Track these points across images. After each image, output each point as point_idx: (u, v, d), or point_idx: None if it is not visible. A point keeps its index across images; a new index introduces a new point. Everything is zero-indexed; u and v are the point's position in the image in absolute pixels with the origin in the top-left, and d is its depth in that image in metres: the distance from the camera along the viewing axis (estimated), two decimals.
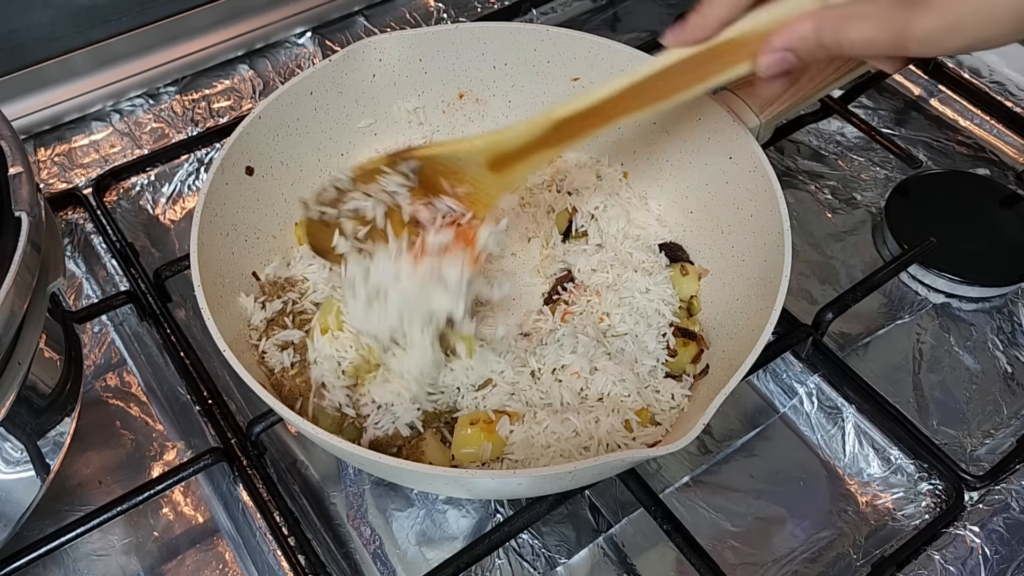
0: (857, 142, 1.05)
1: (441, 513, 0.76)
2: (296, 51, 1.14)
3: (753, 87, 0.83)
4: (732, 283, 0.79)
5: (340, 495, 0.77)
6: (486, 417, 0.70)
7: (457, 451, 0.70)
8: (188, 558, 0.75)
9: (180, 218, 0.99)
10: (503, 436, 0.70)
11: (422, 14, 1.19)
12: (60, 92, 1.03)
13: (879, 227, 0.96)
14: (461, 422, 0.71)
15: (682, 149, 0.85)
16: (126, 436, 0.81)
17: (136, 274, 0.87)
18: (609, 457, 0.58)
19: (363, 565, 0.74)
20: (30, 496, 0.67)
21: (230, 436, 0.76)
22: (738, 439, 0.81)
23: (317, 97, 0.84)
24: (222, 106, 1.07)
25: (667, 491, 0.77)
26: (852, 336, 0.88)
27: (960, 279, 0.89)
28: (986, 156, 1.04)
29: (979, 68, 1.10)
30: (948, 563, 0.71)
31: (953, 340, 0.88)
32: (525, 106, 0.91)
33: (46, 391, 0.67)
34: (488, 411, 0.71)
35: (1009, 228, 0.93)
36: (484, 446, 0.69)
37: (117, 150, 1.03)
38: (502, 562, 0.73)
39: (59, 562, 0.73)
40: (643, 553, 0.74)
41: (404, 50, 0.86)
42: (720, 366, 0.75)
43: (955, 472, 0.76)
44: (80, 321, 0.83)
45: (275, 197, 0.82)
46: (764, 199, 0.75)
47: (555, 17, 1.21)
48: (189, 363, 0.81)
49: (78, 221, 0.96)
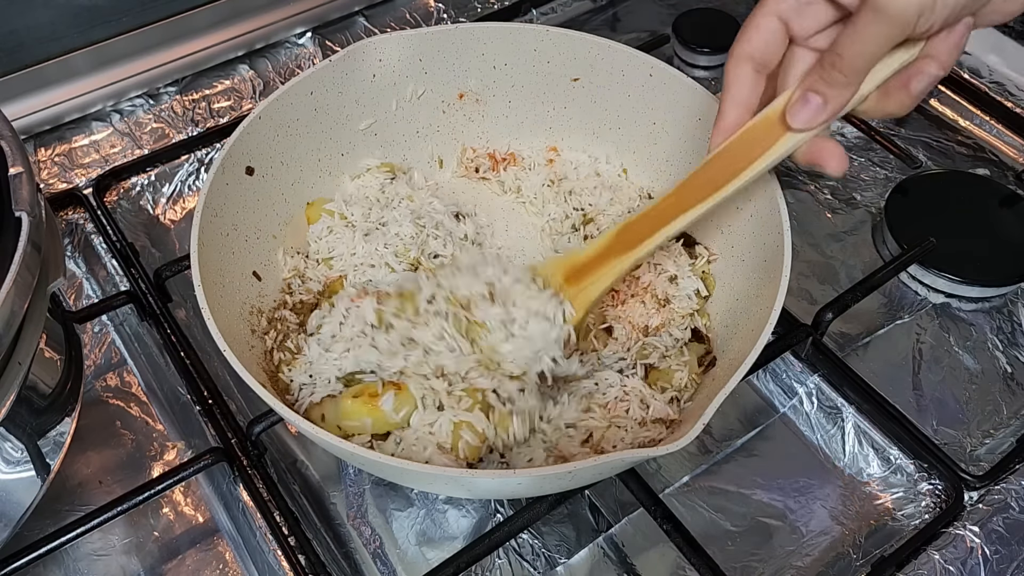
0: (857, 142, 1.05)
1: (441, 513, 0.76)
2: (296, 51, 1.14)
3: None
4: (732, 283, 0.79)
5: (340, 495, 0.77)
6: (372, 390, 0.68)
7: (342, 421, 0.68)
8: (188, 558, 0.75)
9: (180, 218, 0.99)
10: (386, 411, 0.67)
11: (422, 14, 1.19)
12: (60, 92, 1.03)
13: (879, 227, 0.96)
14: (345, 393, 0.69)
15: (682, 149, 0.85)
16: (126, 436, 0.81)
17: (136, 274, 0.87)
18: (609, 457, 0.58)
19: (363, 565, 0.74)
20: (30, 496, 0.67)
21: (230, 436, 0.76)
22: (738, 439, 0.81)
23: (317, 97, 0.84)
24: (222, 106, 1.08)
25: (667, 491, 0.77)
26: (852, 336, 0.88)
27: (960, 279, 0.89)
28: (986, 156, 1.04)
29: (979, 68, 1.10)
30: (948, 563, 0.72)
31: (953, 340, 0.88)
32: (525, 106, 0.91)
33: (46, 391, 0.67)
34: (377, 383, 0.69)
35: (1009, 228, 0.93)
36: (365, 421, 0.68)
37: (117, 150, 1.03)
38: (502, 562, 0.73)
39: (59, 562, 0.74)
40: (643, 553, 0.74)
41: (404, 50, 0.86)
42: (720, 366, 0.75)
43: (955, 472, 0.76)
44: (80, 321, 0.83)
45: (275, 197, 0.82)
46: (764, 199, 0.75)
47: (555, 17, 1.21)
48: (189, 363, 0.81)
49: (78, 221, 0.96)
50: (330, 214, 0.84)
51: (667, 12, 1.20)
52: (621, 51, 0.85)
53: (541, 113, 0.91)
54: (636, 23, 1.20)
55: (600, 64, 0.86)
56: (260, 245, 0.81)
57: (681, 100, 0.83)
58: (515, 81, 0.90)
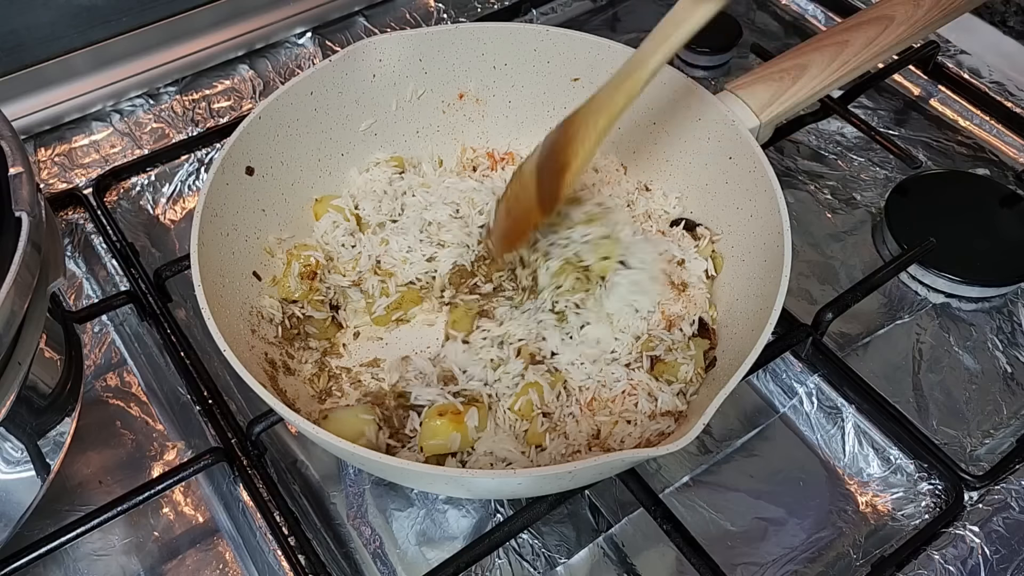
0: (857, 142, 1.05)
1: (441, 513, 0.76)
2: (296, 51, 1.14)
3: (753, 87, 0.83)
4: (732, 283, 0.80)
5: (340, 495, 0.77)
6: (454, 408, 0.71)
7: (424, 442, 0.70)
8: (188, 558, 0.75)
9: (180, 218, 0.99)
10: (471, 427, 0.70)
11: (422, 14, 1.19)
12: (60, 92, 1.03)
13: (879, 227, 0.96)
14: (429, 413, 0.71)
15: (682, 149, 0.85)
16: (126, 436, 0.81)
17: (136, 274, 0.87)
18: (609, 457, 0.58)
19: (363, 565, 0.74)
20: (30, 496, 0.67)
21: (230, 436, 0.76)
22: (738, 439, 0.81)
23: (317, 97, 0.84)
24: (222, 106, 1.08)
25: (667, 491, 0.77)
26: (852, 336, 0.88)
27: (960, 279, 0.89)
28: (986, 156, 1.04)
29: (979, 68, 1.10)
30: (948, 563, 0.72)
31: (953, 340, 0.88)
32: (525, 106, 0.91)
33: (46, 391, 0.67)
34: (456, 403, 0.71)
35: (1009, 228, 0.93)
36: (452, 436, 0.70)
37: (117, 150, 1.03)
38: (502, 562, 0.73)
39: (59, 562, 0.73)
40: (643, 553, 0.74)
41: (404, 50, 0.86)
42: (720, 366, 0.75)
43: (955, 472, 0.76)
44: (80, 321, 0.83)
45: (275, 197, 0.82)
46: (764, 199, 0.75)
47: (555, 17, 1.21)
48: (189, 363, 0.81)
49: (78, 221, 0.96)
50: (339, 210, 0.85)
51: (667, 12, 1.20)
52: (621, 51, 0.85)
53: (541, 113, 0.91)
54: (636, 23, 1.20)
55: (600, 64, 0.86)
56: (260, 245, 0.81)
57: (681, 100, 0.83)
58: (515, 81, 0.90)
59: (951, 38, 1.12)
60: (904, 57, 1.07)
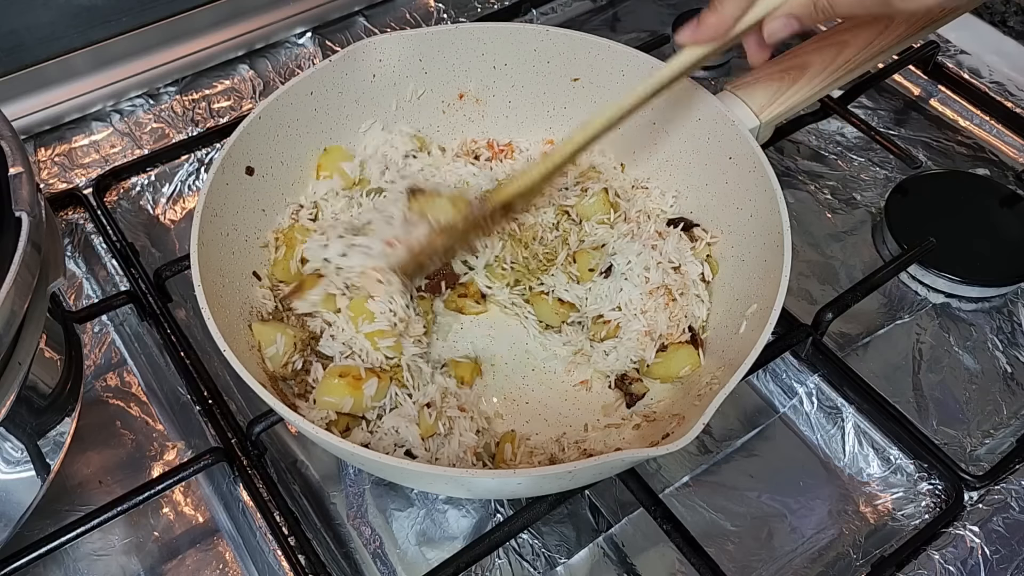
0: (857, 142, 1.05)
1: (441, 513, 0.76)
2: (296, 51, 1.14)
3: (753, 87, 0.83)
4: (732, 283, 0.79)
5: (340, 495, 0.77)
6: (356, 373, 0.71)
7: (319, 396, 0.71)
8: (188, 558, 0.75)
9: (180, 218, 0.99)
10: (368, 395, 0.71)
11: (422, 14, 1.19)
12: (60, 92, 1.03)
13: (879, 227, 0.96)
14: (331, 371, 0.72)
15: (682, 149, 0.85)
16: (126, 436, 0.81)
17: (136, 274, 0.87)
18: (609, 457, 0.58)
19: (363, 565, 0.74)
20: (30, 496, 0.67)
21: (230, 436, 0.76)
22: (738, 439, 0.81)
23: (317, 97, 0.84)
24: (222, 106, 1.07)
25: (667, 491, 0.77)
26: (852, 336, 0.88)
27: (960, 279, 0.89)
28: (986, 156, 1.04)
29: (979, 68, 1.10)
30: (948, 563, 0.72)
31: (953, 340, 0.88)
32: (525, 106, 0.91)
33: (46, 391, 0.67)
34: (360, 367, 0.72)
35: (1009, 228, 0.93)
36: (346, 399, 0.70)
37: (117, 150, 1.03)
38: (502, 562, 0.73)
39: (59, 562, 0.74)
40: (643, 553, 0.74)
41: (404, 50, 0.86)
42: (720, 366, 0.75)
43: (955, 472, 0.76)
44: (80, 321, 0.83)
45: (275, 197, 0.82)
46: (764, 199, 0.75)
47: (555, 17, 1.21)
48: (189, 363, 0.81)
49: (78, 221, 0.96)
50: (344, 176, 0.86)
51: (667, 12, 1.20)
52: (621, 51, 0.85)
53: (541, 113, 0.91)
54: (636, 23, 1.20)
55: (600, 64, 0.86)
56: (260, 245, 0.81)
57: (681, 100, 0.83)
58: (515, 81, 0.90)
59: (951, 38, 1.12)
60: (904, 57, 1.07)
